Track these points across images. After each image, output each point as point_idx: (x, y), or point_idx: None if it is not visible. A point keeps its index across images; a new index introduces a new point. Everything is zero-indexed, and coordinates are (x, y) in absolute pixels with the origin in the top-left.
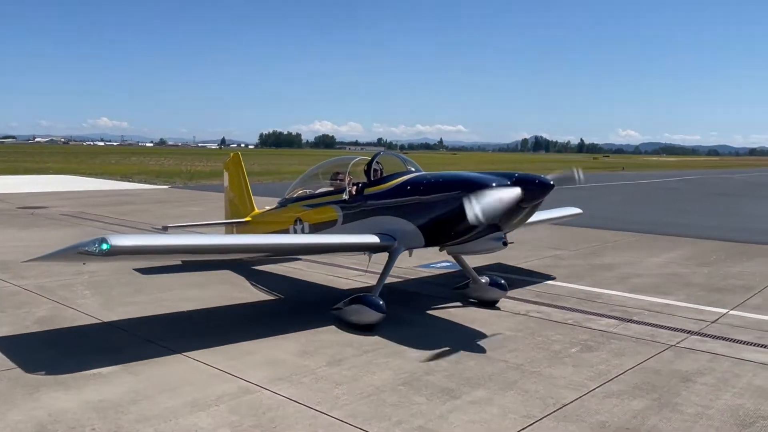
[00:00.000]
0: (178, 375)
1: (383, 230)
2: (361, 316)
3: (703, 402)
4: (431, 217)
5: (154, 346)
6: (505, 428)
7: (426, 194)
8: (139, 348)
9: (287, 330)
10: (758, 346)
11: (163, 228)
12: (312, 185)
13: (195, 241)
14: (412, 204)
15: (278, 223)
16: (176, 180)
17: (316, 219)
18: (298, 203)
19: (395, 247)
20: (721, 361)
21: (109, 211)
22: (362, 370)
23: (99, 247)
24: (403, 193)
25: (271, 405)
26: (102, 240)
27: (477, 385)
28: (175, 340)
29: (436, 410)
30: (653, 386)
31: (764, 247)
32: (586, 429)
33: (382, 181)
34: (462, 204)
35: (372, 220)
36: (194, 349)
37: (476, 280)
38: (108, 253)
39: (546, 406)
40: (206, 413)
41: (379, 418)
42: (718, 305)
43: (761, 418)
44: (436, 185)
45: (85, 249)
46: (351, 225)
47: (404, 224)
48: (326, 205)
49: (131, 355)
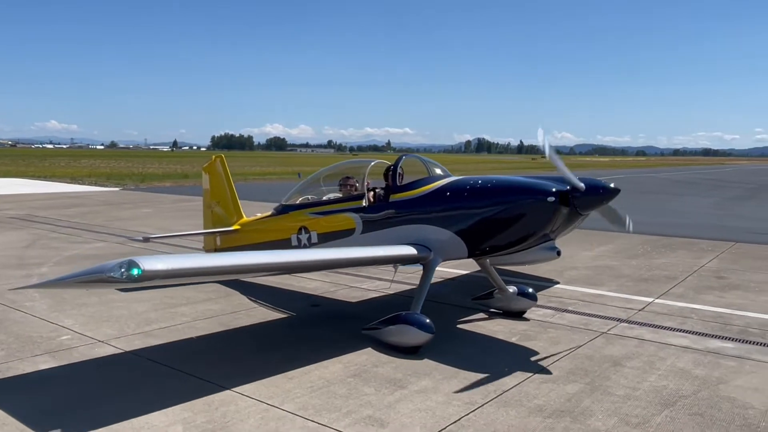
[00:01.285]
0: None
1: (416, 240)
2: (405, 337)
3: (631, 384)
4: (479, 226)
5: (108, 348)
6: (449, 415)
7: (472, 201)
8: (92, 350)
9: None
10: (680, 332)
11: (144, 239)
12: (316, 191)
13: (242, 261)
14: (454, 211)
15: (276, 231)
16: (128, 182)
17: (328, 228)
18: (302, 210)
19: (431, 258)
20: (647, 346)
21: (58, 213)
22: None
23: (128, 273)
24: (442, 200)
25: (223, 400)
26: (130, 264)
27: (423, 375)
28: (129, 341)
29: (384, 400)
30: (586, 371)
31: (686, 240)
32: (524, 413)
33: (411, 186)
34: (520, 211)
35: (401, 229)
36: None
37: (503, 290)
38: (139, 278)
39: (488, 393)
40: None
41: (329, 409)
42: (644, 294)
43: (682, 397)
44: (485, 191)
45: (110, 275)
46: (374, 235)
47: (441, 233)
48: (340, 213)
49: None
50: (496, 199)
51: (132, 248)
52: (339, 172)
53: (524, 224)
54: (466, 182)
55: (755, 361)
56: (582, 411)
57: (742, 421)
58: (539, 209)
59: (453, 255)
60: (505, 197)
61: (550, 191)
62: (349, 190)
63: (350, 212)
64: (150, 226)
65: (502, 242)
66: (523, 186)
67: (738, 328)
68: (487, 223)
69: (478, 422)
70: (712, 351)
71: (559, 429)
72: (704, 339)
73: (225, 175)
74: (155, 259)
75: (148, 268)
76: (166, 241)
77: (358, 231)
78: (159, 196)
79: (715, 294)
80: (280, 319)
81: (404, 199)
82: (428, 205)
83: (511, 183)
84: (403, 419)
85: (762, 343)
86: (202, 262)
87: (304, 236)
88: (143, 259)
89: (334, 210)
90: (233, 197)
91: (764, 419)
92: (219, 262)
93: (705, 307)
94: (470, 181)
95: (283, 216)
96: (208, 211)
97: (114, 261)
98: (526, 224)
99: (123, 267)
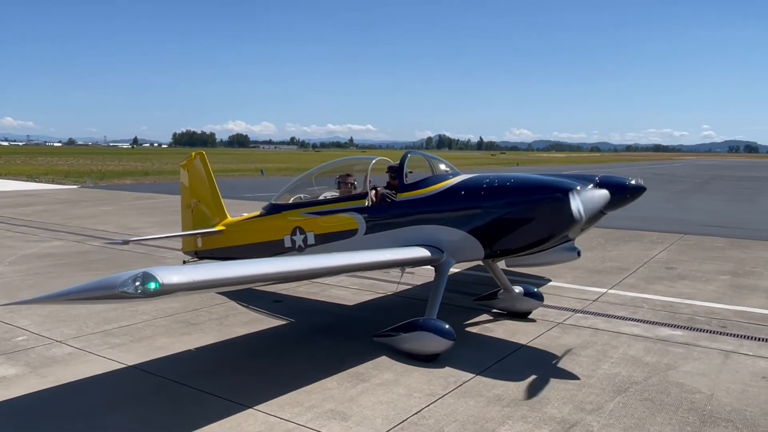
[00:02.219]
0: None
1: (427, 242)
2: (425, 345)
3: (585, 372)
4: (498, 226)
5: (63, 347)
6: (411, 407)
7: (490, 200)
8: (49, 351)
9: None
10: (632, 320)
11: (123, 242)
12: (311, 190)
13: (273, 269)
14: (470, 211)
15: (266, 232)
16: (86, 180)
17: (326, 228)
18: (295, 210)
19: (444, 260)
20: (601, 335)
21: (13, 212)
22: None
23: (143, 287)
24: (456, 199)
25: (189, 395)
26: (146, 276)
27: (385, 369)
28: (88, 341)
29: (347, 393)
30: (543, 360)
31: (637, 232)
32: (483, 402)
33: (419, 185)
34: (542, 211)
35: (411, 230)
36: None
37: (509, 290)
38: (156, 293)
39: (448, 384)
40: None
41: (292, 404)
42: (598, 285)
43: (634, 384)
44: (503, 190)
45: (122, 290)
46: (380, 236)
47: (454, 234)
48: (341, 213)
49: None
50: (518, 198)
51: (96, 248)
52: (336, 169)
53: (548, 224)
54: (481, 180)
55: (702, 348)
56: (539, 399)
57: (690, 405)
58: (565, 208)
59: (467, 256)
60: (528, 196)
61: (574, 188)
62: (348, 189)
63: (352, 212)
64: (109, 224)
65: (522, 243)
66: (549, 184)
67: (686, 316)
68: (507, 223)
69: (438, 413)
70: (661, 339)
71: (517, 417)
72: (654, 327)
73: (206, 173)
74: (173, 271)
75: (167, 282)
76: (147, 243)
77: (361, 232)
78: (119, 193)
79: (664, 284)
80: (240, 314)
81: (413, 199)
82: (440, 204)
83: (534, 181)
84: (364, 412)
85: (708, 330)
86: (227, 272)
87: (299, 237)
88: (160, 271)
89: (333, 210)
90: (215, 196)
91: (710, 403)
92: (247, 271)
93: (655, 297)
94: (486, 179)
95: (274, 216)
96: (187, 211)
97: (126, 273)
98: (550, 224)
99: (137, 280)
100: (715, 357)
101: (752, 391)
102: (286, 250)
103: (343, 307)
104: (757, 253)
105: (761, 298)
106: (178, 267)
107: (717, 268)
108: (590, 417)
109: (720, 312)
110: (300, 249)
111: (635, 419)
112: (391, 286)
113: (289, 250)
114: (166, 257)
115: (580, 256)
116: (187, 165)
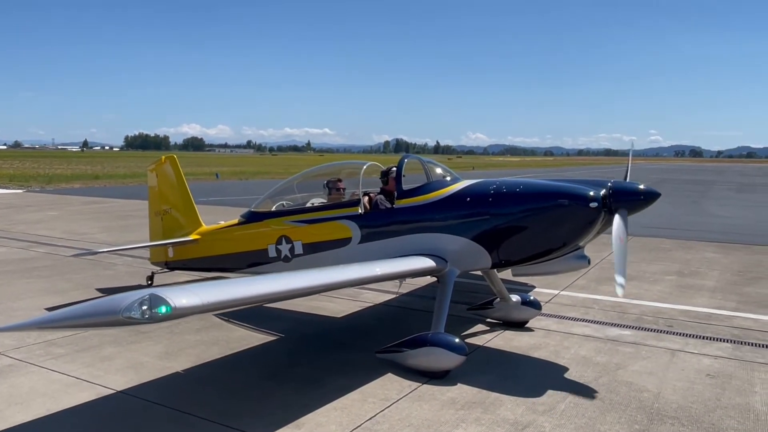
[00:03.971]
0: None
1: (428, 251)
2: (434, 361)
3: (538, 373)
4: (508, 235)
5: (2, 358)
6: (365, 412)
7: (499, 207)
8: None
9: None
10: (583, 321)
11: (92, 252)
12: (295, 197)
13: (293, 285)
14: (476, 218)
15: (247, 241)
16: (32, 183)
17: (316, 237)
18: (280, 218)
19: (447, 270)
20: (553, 336)
21: None
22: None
23: (152, 312)
24: (461, 206)
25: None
26: (154, 299)
27: (340, 374)
28: (30, 351)
29: (301, 400)
30: (497, 362)
31: None
32: (437, 406)
33: (419, 191)
34: (558, 218)
35: (410, 239)
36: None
37: (506, 299)
38: (167, 318)
39: (402, 389)
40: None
41: (243, 414)
42: (552, 287)
43: (585, 383)
44: (516, 196)
45: (127, 315)
46: (376, 245)
47: (457, 242)
48: (332, 221)
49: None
50: (529, 205)
51: (41, 254)
52: (321, 174)
53: (562, 232)
54: (487, 186)
55: (649, 347)
56: (493, 401)
57: (638, 403)
58: (581, 215)
59: (473, 266)
60: (540, 203)
61: (593, 196)
62: (338, 195)
63: (344, 220)
64: (56, 230)
65: (532, 252)
66: (562, 191)
67: (634, 316)
68: (517, 232)
69: (393, 417)
70: (611, 339)
71: (471, 420)
72: (604, 327)
73: (177, 178)
74: (183, 292)
75: (179, 305)
76: (112, 252)
77: (355, 240)
78: (67, 198)
79: (614, 285)
80: (191, 321)
81: (414, 206)
82: (443, 211)
83: (546, 187)
84: (318, 418)
85: (655, 330)
86: (246, 290)
87: (285, 246)
88: (170, 293)
89: (324, 217)
90: (188, 203)
91: (657, 401)
92: (268, 288)
93: (605, 298)
94: (493, 185)
95: (255, 224)
96: (156, 219)
97: (129, 296)
98: (563, 232)
99: (145, 304)
100: (662, 356)
101: (697, 388)
102: (271, 260)
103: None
104: (701, 254)
105: (706, 297)
106: (187, 287)
107: (663, 269)
108: (542, 418)
109: (666, 311)
110: (287, 259)
111: (586, 419)
112: (370, 294)
113: (275, 260)
114: (115, 264)
115: (589, 264)
116: (155, 169)
